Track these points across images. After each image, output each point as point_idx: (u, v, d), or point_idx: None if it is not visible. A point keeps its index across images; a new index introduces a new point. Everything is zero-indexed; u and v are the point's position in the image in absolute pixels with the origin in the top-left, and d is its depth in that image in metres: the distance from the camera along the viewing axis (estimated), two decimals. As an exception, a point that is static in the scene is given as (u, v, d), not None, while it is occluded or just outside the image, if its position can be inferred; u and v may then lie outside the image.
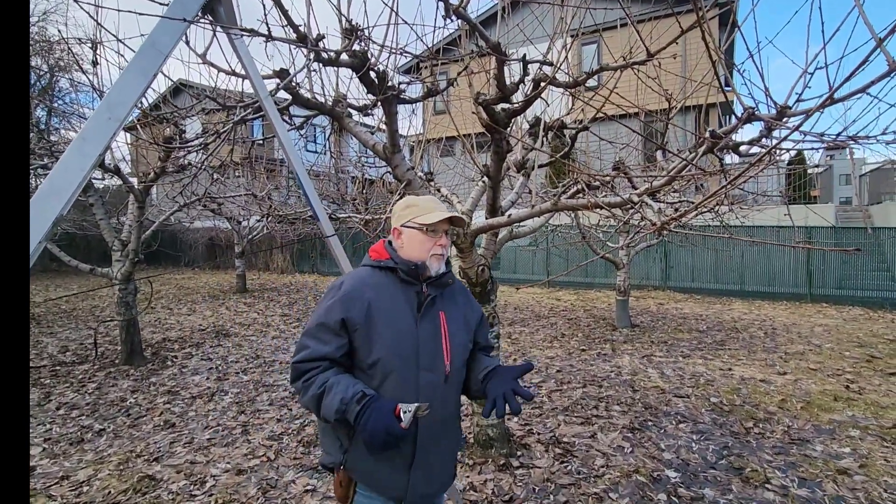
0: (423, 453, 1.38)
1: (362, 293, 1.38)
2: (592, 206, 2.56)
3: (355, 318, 1.34)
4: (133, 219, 5.51)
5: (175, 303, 10.69)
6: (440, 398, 1.40)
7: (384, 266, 1.45)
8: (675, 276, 11.89)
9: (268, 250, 17.32)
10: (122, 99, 1.48)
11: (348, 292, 1.38)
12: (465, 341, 1.50)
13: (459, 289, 1.59)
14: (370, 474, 1.38)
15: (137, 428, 3.97)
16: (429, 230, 1.43)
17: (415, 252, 1.44)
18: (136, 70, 1.51)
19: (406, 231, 1.46)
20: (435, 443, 1.41)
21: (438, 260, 1.44)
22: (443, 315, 1.44)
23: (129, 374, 5.41)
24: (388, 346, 1.34)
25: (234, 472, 3.20)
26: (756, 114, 2.00)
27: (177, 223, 15.65)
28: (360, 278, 1.43)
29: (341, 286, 1.41)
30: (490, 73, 3.21)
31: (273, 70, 2.63)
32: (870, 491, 2.89)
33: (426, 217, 1.42)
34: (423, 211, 1.44)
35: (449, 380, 1.42)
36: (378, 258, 1.48)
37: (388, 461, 1.36)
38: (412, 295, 1.43)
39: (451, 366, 1.42)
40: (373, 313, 1.36)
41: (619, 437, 3.66)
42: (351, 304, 1.35)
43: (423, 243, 1.43)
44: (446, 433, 1.46)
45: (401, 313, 1.39)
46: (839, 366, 5.51)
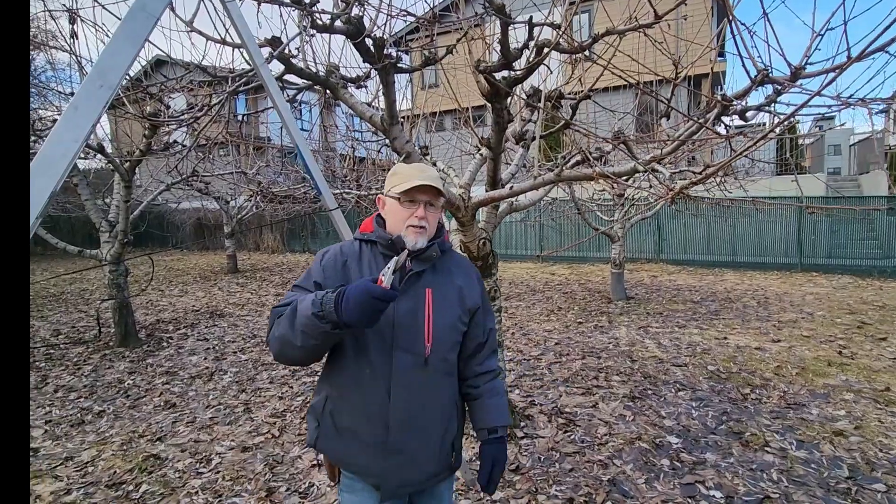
0: (399, 437, 1.29)
1: (343, 262, 1.36)
2: (597, 176, 2.51)
3: (329, 286, 1.28)
4: (120, 199, 5.37)
5: (166, 284, 10.57)
6: (419, 382, 1.30)
7: (366, 239, 1.41)
8: (667, 249, 11.99)
9: (257, 230, 17.12)
10: (113, 65, 1.39)
11: (328, 260, 1.36)
12: (453, 322, 1.36)
13: (459, 265, 1.47)
14: (343, 455, 1.34)
15: (138, 409, 3.95)
16: (404, 200, 1.33)
17: (393, 223, 1.36)
18: (126, 35, 1.42)
19: (387, 201, 1.40)
20: (415, 428, 1.31)
21: (415, 233, 1.31)
22: (429, 292, 1.33)
23: (125, 355, 5.36)
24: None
25: (239, 450, 3.20)
26: (770, 76, 1.95)
27: (164, 204, 15.36)
28: (342, 249, 1.40)
29: (324, 255, 1.40)
30: (489, 39, 3.11)
31: (265, 38, 2.51)
32: (865, 451, 2.98)
33: (402, 185, 1.33)
34: (403, 179, 1.34)
35: (430, 362, 1.31)
36: (364, 230, 1.44)
37: (361, 444, 1.30)
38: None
39: (432, 347, 1.31)
40: (349, 282, 1.29)
41: (621, 406, 3.71)
42: (328, 270, 1.34)
43: (398, 213, 1.34)
44: (432, 419, 1.34)
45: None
46: (831, 332, 5.62)
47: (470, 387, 1.47)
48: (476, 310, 1.44)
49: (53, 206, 10.87)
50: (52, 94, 6.26)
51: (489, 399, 1.45)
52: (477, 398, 1.46)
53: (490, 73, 2.45)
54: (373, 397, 1.28)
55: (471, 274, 1.48)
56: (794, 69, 1.92)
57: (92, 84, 1.29)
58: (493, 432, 1.43)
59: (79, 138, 1.24)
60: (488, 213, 3.42)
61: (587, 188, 8.18)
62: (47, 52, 7.84)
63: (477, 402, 1.46)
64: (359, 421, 1.30)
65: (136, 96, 3.68)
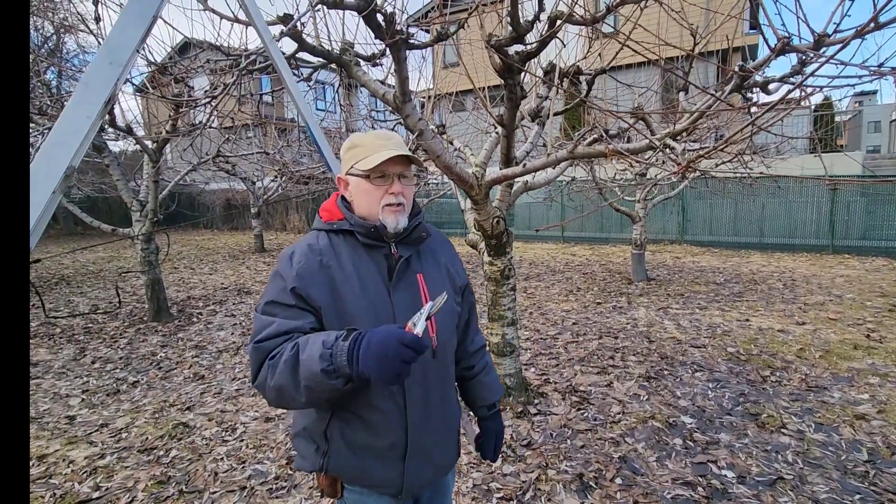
0: (417, 439, 1.18)
1: (321, 263, 1.13)
2: (611, 153, 2.47)
3: (315, 296, 1.09)
4: (148, 178, 5.55)
5: (196, 263, 10.93)
6: (431, 377, 1.20)
7: (339, 229, 1.17)
8: (692, 230, 11.68)
9: (283, 210, 17.43)
10: (122, 42, 1.43)
11: (302, 263, 1.11)
12: (450, 306, 1.24)
13: (440, 242, 1.33)
14: (359, 473, 1.18)
15: (169, 380, 4.15)
16: (374, 177, 1.15)
17: (364, 205, 1.17)
18: (134, 12, 1.46)
19: (351, 181, 1.18)
20: (429, 425, 1.21)
21: (393, 212, 1.15)
22: (421, 278, 1.20)
23: (158, 330, 5.61)
24: (362, 323, 1.08)
25: (262, 420, 3.34)
26: (791, 44, 1.86)
27: (193, 184, 15.77)
28: (314, 246, 1.15)
29: (292, 259, 1.13)
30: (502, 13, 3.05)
31: (277, 15, 2.53)
32: (887, 435, 2.91)
33: (368, 160, 1.13)
34: (367, 152, 1.15)
35: (437, 354, 1.20)
36: (330, 219, 1.19)
37: (377, 456, 1.16)
38: (380, 259, 1.18)
39: (437, 338, 1.19)
40: (337, 286, 1.11)
41: (635, 385, 3.70)
42: (309, 279, 1.10)
43: (370, 194, 1.15)
44: (442, 412, 1.25)
45: (370, 282, 1.14)
46: (860, 315, 5.43)
47: (465, 368, 1.42)
48: (465, 287, 1.37)
49: (90, 187, 11.29)
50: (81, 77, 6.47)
51: (485, 377, 1.44)
52: (473, 377, 1.43)
53: (501, 47, 2.41)
54: (388, 405, 1.14)
55: (450, 249, 1.37)
56: (817, 36, 1.83)
57: (101, 61, 1.33)
58: (492, 408, 1.44)
59: (92, 114, 1.30)
60: (502, 191, 3.41)
61: (607, 168, 8.01)
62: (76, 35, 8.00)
63: (474, 381, 1.43)
64: (375, 434, 1.15)
65: (161, 80, 3.77)
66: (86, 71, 1.36)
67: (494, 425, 1.45)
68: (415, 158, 1.18)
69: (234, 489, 2.59)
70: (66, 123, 1.23)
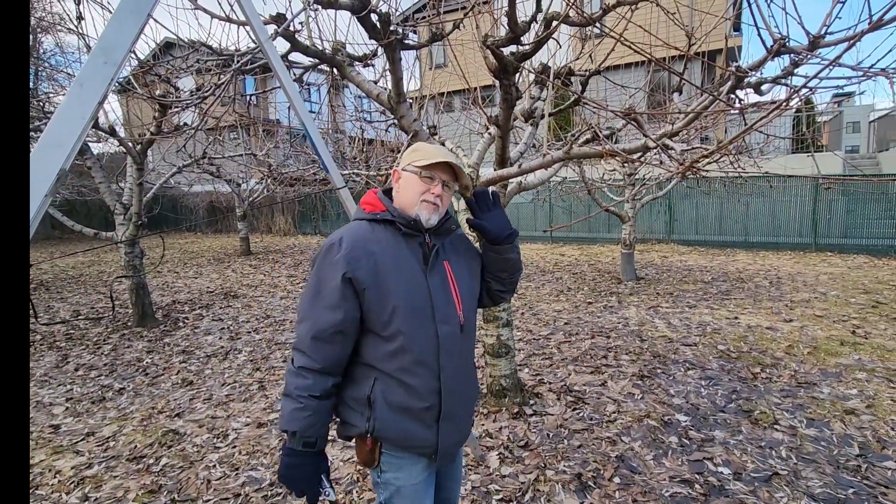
0: (450, 404, 1.35)
1: (367, 248, 1.28)
2: (607, 153, 2.47)
3: (363, 277, 1.25)
4: (133, 181, 5.43)
5: (181, 266, 10.73)
6: (459, 350, 1.37)
7: (381, 219, 1.35)
8: (678, 229, 11.85)
9: (269, 213, 17.23)
10: (117, 41, 1.39)
11: (350, 250, 1.26)
12: (472, 289, 1.47)
13: (461, 237, 1.54)
14: (401, 434, 1.33)
15: (157, 386, 4.06)
16: (423, 175, 1.35)
17: (407, 196, 1.36)
18: (128, 9, 1.41)
19: (404, 174, 1.39)
20: (459, 393, 1.39)
21: (428, 208, 1.34)
22: (447, 265, 1.40)
23: (143, 335, 5.49)
24: (404, 300, 1.27)
25: (254, 426, 3.28)
26: (787, 45, 1.88)
27: (177, 187, 15.50)
28: (359, 233, 1.32)
29: (341, 243, 1.28)
30: (496, 14, 3.04)
31: (269, 15, 2.49)
32: (877, 429, 2.96)
33: (423, 160, 1.34)
34: (425, 156, 1.36)
35: (464, 329, 1.39)
36: (373, 210, 1.38)
37: (415, 418, 1.32)
38: (416, 247, 1.36)
39: (463, 315, 1.38)
40: (380, 269, 1.28)
41: (629, 384, 3.72)
42: (356, 262, 1.25)
43: (416, 187, 1.35)
44: (467, 382, 1.45)
45: (409, 266, 1.32)
46: (845, 312, 5.55)
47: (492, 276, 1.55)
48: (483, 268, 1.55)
49: (69, 189, 11.02)
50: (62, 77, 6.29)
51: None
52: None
53: (497, 47, 2.40)
54: (426, 373, 1.31)
55: (471, 245, 1.57)
56: (812, 38, 1.86)
57: (96, 60, 1.29)
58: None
59: (85, 115, 1.25)
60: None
61: (597, 168, 8.08)
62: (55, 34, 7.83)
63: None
64: (414, 398, 1.31)
65: (145, 79, 3.68)
66: (80, 71, 1.31)
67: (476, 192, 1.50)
68: (461, 173, 1.38)
69: (228, 497, 2.53)
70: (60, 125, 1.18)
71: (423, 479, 1.40)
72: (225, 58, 2.82)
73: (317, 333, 1.25)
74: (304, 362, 1.26)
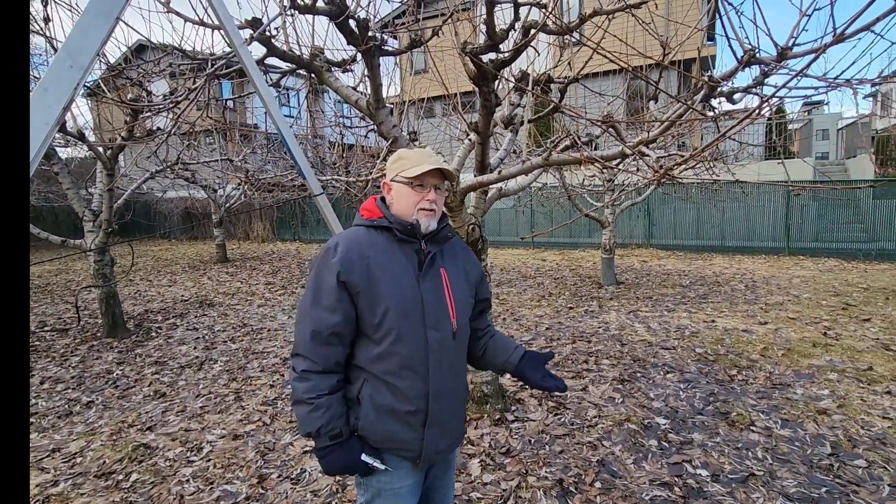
0: (437, 409, 1.37)
1: (361, 253, 1.32)
2: (585, 160, 2.50)
3: (356, 281, 1.29)
4: (103, 187, 5.27)
5: (154, 274, 10.45)
6: (449, 356, 1.39)
7: (378, 225, 1.39)
8: (657, 234, 12.06)
9: (247, 219, 16.95)
10: (83, 45, 1.34)
11: (345, 254, 1.31)
12: (467, 297, 1.48)
13: (459, 245, 1.55)
14: (384, 434, 1.36)
15: (127, 399, 3.92)
16: (415, 184, 1.37)
17: (402, 207, 1.39)
18: (96, 12, 1.37)
19: (394, 185, 1.41)
20: (447, 398, 1.40)
21: (426, 215, 1.38)
22: (444, 272, 1.41)
23: (113, 346, 5.31)
24: (394, 304, 1.30)
25: (230, 438, 3.19)
26: (757, 56, 1.93)
27: (149, 193, 15.13)
28: (354, 239, 1.36)
29: (336, 248, 1.33)
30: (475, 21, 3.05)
31: (245, 19, 2.45)
32: (848, 429, 3.04)
33: (412, 170, 1.36)
34: (411, 164, 1.37)
35: (456, 336, 1.41)
36: (371, 217, 1.41)
37: (400, 420, 1.35)
38: (412, 253, 1.38)
39: (456, 322, 1.40)
40: (373, 273, 1.31)
41: (610, 388, 3.75)
42: (350, 266, 1.29)
43: (409, 197, 1.38)
44: (457, 389, 1.45)
45: (402, 271, 1.35)
46: (817, 314, 5.71)
47: (479, 339, 1.57)
48: (479, 280, 1.56)
49: (35, 195, 10.65)
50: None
51: (502, 339, 1.58)
52: (490, 342, 1.56)
53: (477, 55, 2.41)
54: (413, 377, 1.33)
55: (469, 253, 1.58)
56: (780, 49, 1.91)
57: (61, 64, 1.24)
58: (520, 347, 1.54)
59: (49, 121, 1.20)
60: (477, 198, 3.40)
61: (577, 174, 8.18)
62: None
63: (492, 342, 1.56)
64: (400, 401, 1.33)
65: (115, 83, 3.58)
66: (44, 75, 1.25)
67: (534, 353, 1.50)
68: (449, 173, 1.39)
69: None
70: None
71: (406, 485, 1.40)
72: (199, 62, 2.76)
73: (315, 334, 1.29)
74: (306, 365, 1.30)
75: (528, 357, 1.49)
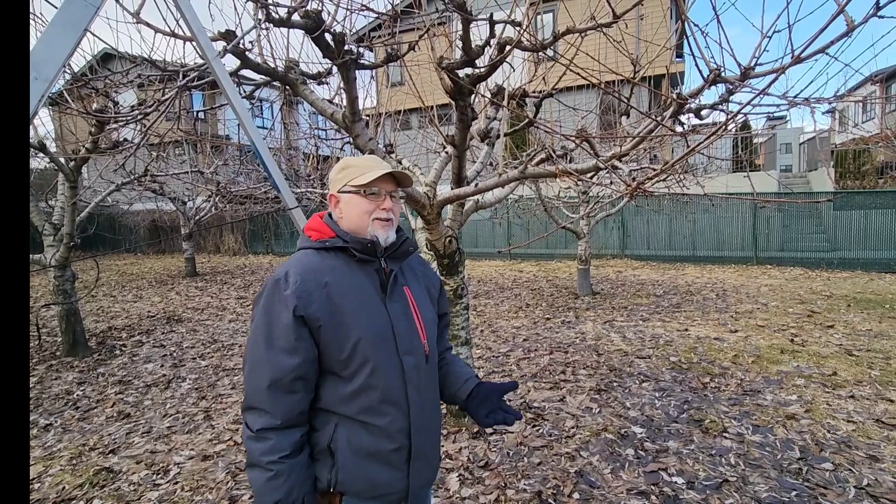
0: (420, 442, 1.24)
1: (318, 281, 1.16)
2: (560, 173, 2.54)
3: (316, 314, 1.13)
4: (65, 200, 5.07)
5: (118, 290, 10.08)
6: (425, 381, 1.27)
7: (332, 246, 1.22)
8: (631, 245, 12.32)
9: (218, 232, 16.56)
10: (48, 56, 1.30)
11: (300, 284, 1.14)
12: (433, 315, 1.37)
13: (416, 259, 1.44)
14: (366, 484, 1.20)
15: (88, 421, 3.74)
16: (367, 192, 1.23)
17: (355, 219, 1.24)
18: (63, 23, 1.33)
19: (343, 197, 1.26)
20: (428, 429, 1.28)
21: (384, 226, 1.25)
22: (407, 291, 1.29)
23: (74, 365, 5.07)
24: (366, 334, 1.16)
25: (199, 459, 3.07)
26: (722, 75, 2.01)
27: (114, 205, 14.62)
28: (307, 265, 1.19)
29: (287, 278, 1.15)
30: (452, 36, 3.09)
31: (218, 32, 2.41)
32: (815, 433, 3.14)
33: (362, 177, 1.23)
34: (361, 171, 1.24)
35: (429, 360, 1.29)
36: (321, 237, 1.25)
37: (384, 461, 1.20)
38: (372, 274, 1.24)
39: (427, 344, 1.28)
40: (335, 302, 1.16)
41: (587, 398, 3.78)
42: (308, 297, 1.13)
43: (362, 207, 1.24)
44: (435, 414, 1.33)
45: (367, 295, 1.21)
46: (784, 322, 5.90)
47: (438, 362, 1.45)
48: (440, 294, 1.46)
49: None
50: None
51: (458, 366, 1.45)
52: (447, 368, 1.44)
53: (453, 70, 2.43)
54: (394, 412, 1.20)
55: (427, 266, 1.47)
56: (743, 69, 1.99)
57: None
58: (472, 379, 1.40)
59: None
60: (454, 210, 3.41)
61: (553, 186, 8.31)
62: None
63: (450, 370, 1.43)
64: (382, 440, 1.19)
65: (80, 92, 3.47)
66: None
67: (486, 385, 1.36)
68: (404, 177, 1.28)
69: (170, 541, 2.34)
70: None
71: None
72: (169, 73, 2.70)
73: (274, 382, 1.11)
74: (264, 422, 1.12)
75: (477, 391, 1.34)
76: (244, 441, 1.16)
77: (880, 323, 5.70)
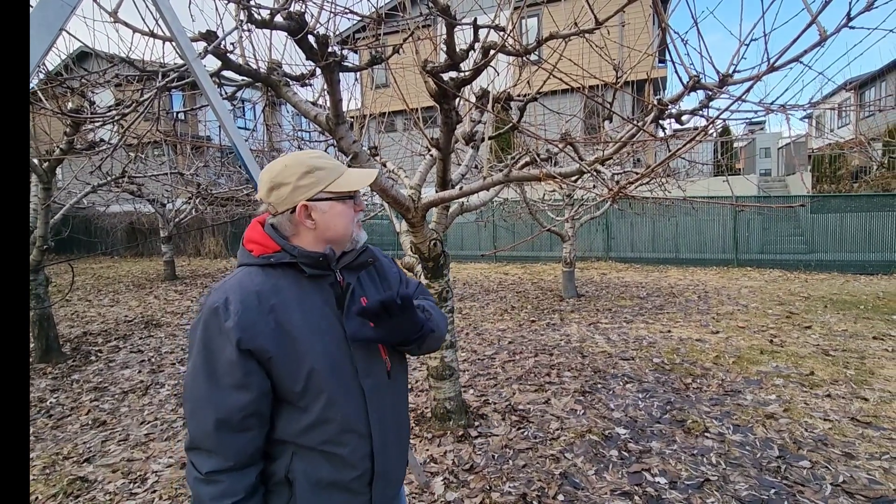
0: (383, 464, 1.15)
1: (262, 306, 1.01)
2: (544, 176, 2.55)
3: (264, 346, 0.99)
4: (38, 202, 4.93)
5: (94, 294, 9.84)
6: (389, 399, 1.17)
7: (278, 262, 1.07)
8: (615, 247, 12.47)
9: (198, 235, 16.28)
10: (19, 54, 1.25)
11: (242, 313, 0.99)
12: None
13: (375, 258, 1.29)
14: None
15: (62, 429, 3.63)
16: (350, 198, 1.14)
17: (340, 231, 1.12)
18: (38, 23, 1.29)
19: (319, 206, 1.09)
20: (389, 448, 1.18)
21: (359, 226, 1.18)
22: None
23: (47, 372, 4.93)
24: (320, 364, 1.04)
25: (178, 466, 3.01)
26: (701, 82, 2.05)
27: (90, 207, 14.27)
28: (249, 287, 1.03)
29: (227, 305, 0.99)
30: (437, 40, 3.09)
31: (199, 32, 2.37)
32: (793, 431, 3.20)
33: (342, 180, 1.11)
34: (335, 173, 1.10)
35: (391, 375, 1.19)
36: (265, 251, 1.08)
37: (344, 490, 1.11)
38: (326, 289, 1.11)
39: (389, 359, 1.18)
40: (285, 328, 1.02)
41: (572, 400, 3.80)
42: (252, 328, 0.99)
43: (348, 215, 1.13)
44: (398, 432, 1.22)
45: (320, 317, 1.08)
46: (763, 323, 6.02)
47: None
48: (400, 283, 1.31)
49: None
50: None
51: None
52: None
53: (437, 73, 2.43)
54: (356, 440, 1.10)
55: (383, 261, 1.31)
56: (721, 76, 2.03)
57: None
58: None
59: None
60: (439, 213, 3.41)
61: (537, 189, 8.37)
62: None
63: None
64: (344, 469, 1.10)
65: (55, 91, 3.38)
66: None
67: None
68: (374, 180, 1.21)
69: (147, 552, 2.28)
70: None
71: None
72: (148, 73, 2.65)
73: (221, 423, 0.98)
74: (213, 464, 0.99)
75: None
76: (190, 482, 1.02)
77: (855, 323, 5.85)
